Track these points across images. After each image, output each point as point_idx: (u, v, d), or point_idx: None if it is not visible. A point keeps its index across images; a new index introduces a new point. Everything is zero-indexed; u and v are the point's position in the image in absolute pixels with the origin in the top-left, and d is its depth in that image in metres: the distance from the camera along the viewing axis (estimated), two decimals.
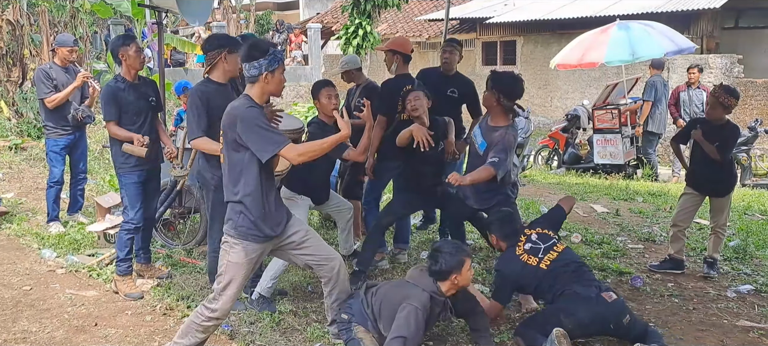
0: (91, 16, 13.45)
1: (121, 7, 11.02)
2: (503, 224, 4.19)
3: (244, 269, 3.36)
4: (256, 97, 3.30)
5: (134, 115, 4.59)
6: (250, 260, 3.37)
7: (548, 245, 4.01)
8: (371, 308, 3.64)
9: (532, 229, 4.13)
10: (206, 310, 3.37)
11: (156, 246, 5.60)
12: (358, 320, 3.65)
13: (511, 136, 4.37)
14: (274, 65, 3.26)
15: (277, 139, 3.20)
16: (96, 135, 10.37)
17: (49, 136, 6.12)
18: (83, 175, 6.49)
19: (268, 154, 3.19)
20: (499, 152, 4.26)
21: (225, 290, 3.35)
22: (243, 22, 23.15)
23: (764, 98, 12.93)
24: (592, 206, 7.50)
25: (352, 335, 3.60)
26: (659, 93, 9.69)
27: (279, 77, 3.30)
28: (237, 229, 3.32)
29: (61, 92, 5.95)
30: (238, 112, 3.22)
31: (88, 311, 4.36)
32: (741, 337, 3.96)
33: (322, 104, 4.53)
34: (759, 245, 5.90)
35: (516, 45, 17.43)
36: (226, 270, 3.35)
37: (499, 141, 4.31)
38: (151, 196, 4.83)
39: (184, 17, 5.87)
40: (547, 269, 3.88)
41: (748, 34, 15.58)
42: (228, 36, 4.53)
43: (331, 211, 5.10)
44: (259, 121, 3.19)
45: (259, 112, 3.24)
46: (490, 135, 4.41)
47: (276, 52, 3.29)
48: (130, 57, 4.56)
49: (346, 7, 14.97)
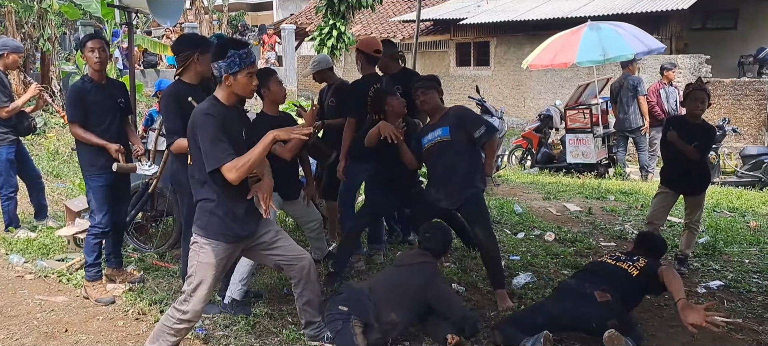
0: (60, 17, 13.20)
1: (90, 7, 10.84)
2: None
3: (215, 269, 3.31)
4: (223, 99, 3.24)
5: (101, 116, 4.48)
6: (221, 260, 3.32)
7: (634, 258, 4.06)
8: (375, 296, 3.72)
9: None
10: (177, 312, 3.32)
11: (128, 250, 5.52)
12: (357, 312, 3.68)
13: (459, 107, 4.54)
14: (234, 68, 3.16)
15: (219, 155, 3.10)
16: (65, 137, 10.18)
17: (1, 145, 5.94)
18: (39, 179, 6.40)
19: (210, 168, 3.13)
20: (474, 122, 4.42)
21: (195, 291, 3.30)
22: (216, 23, 22.93)
23: (731, 98, 13.21)
24: (565, 204, 7.58)
25: (348, 327, 3.61)
26: (614, 94, 9.90)
27: (243, 80, 3.19)
28: (206, 229, 3.28)
29: (17, 101, 5.87)
30: (195, 116, 3.17)
31: (58, 317, 4.27)
32: (711, 332, 4.02)
33: (272, 92, 4.36)
34: (728, 242, 6.01)
35: (489, 46, 17.56)
36: (197, 271, 3.30)
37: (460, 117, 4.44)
38: (120, 199, 4.75)
39: (154, 18, 5.80)
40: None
41: (716, 35, 15.92)
42: (198, 36, 4.47)
43: (298, 218, 5.04)
44: (209, 131, 3.11)
45: (213, 121, 3.13)
46: (442, 121, 4.43)
47: (238, 54, 3.16)
48: (86, 56, 4.46)
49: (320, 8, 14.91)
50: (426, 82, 4.59)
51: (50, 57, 11.61)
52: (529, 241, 6.02)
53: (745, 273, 5.17)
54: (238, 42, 3.31)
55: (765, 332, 4.01)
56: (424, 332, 3.93)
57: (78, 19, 12.41)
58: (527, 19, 15.75)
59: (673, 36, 15.08)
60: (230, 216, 3.28)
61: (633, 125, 9.77)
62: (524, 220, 6.78)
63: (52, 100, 6.01)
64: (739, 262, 5.46)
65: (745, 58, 14.58)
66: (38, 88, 5.86)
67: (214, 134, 3.12)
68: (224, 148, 3.12)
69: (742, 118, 12.94)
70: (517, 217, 6.86)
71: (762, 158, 9.68)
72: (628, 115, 9.74)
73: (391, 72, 5.32)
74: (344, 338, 3.64)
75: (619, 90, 9.80)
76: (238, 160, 3.12)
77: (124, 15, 6.06)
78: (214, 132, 3.12)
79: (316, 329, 3.80)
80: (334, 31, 14.54)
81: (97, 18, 13.48)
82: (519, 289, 4.67)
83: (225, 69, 3.17)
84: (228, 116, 3.23)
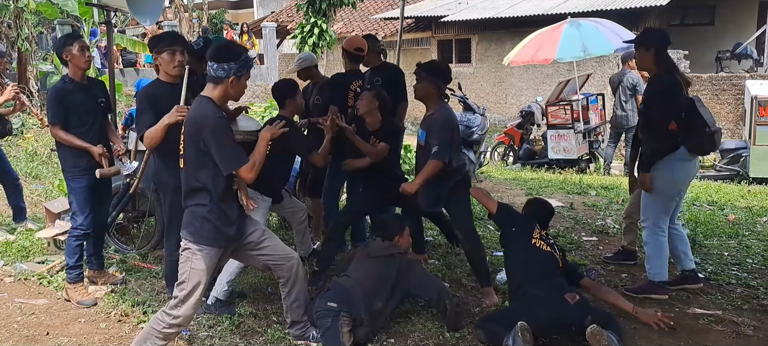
0: (37, 16, 13.02)
1: (67, 6, 10.71)
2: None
3: (207, 274, 3.33)
4: (218, 99, 3.26)
5: (83, 116, 4.43)
6: (213, 264, 3.35)
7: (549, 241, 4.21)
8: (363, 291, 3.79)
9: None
10: (167, 316, 3.30)
11: (109, 251, 5.47)
12: (347, 308, 3.71)
13: (442, 114, 4.26)
14: (243, 71, 3.25)
15: (240, 156, 3.21)
16: (43, 138, 10.05)
17: None
18: (17, 181, 6.32)
19: (229, 170, 3.20)
20: (436, 137, 4.17)
21: (189, 296, 3.29)
22: (196, 21, 22.74)
23: (709, 92, 13.39)
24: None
25: (337, 325, 3.63)
26: (613, 89, 9.88)
27: (244, 84, 3.29)
28: (199, 235, 3.27)
29: None
30: (207, 121, 3.16)
31: (38, 320, 4.23)
32: (692, 324, 4.08)
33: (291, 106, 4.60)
34: (707, 235, 6.09)
35: (471, 43, 17.62)
36: (190, 277, 3.29)
37: (432, 126, 4.25)
38: (101, 201, 4.70)
39: (133, 16, 5.75)
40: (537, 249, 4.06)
41: (694, 30, 16.12)
42: (174, 34, 4.42)
43: (286, 213, 5.06)
44: (226, 134, 3.20)
45: (227, 123, 3.25)
46: (425, 122, 4.39)
47: (248, 59, 3.27)
48: (75, 56, 4.40)
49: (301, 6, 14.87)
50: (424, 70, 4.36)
51: (28, 57, 11.44)
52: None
53: (725, 266, 5.24)
54: (228, 45, 3.36)
55: (744, 323, 4.07)
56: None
57: (55, 18, 12.24)
58: (508, 16, 15.82)
59: None
60: (223, 219, 3.29)
61: (631, 123, 9.46)
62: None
63: (30, 101, 5.91)
64: (718, 255, 5.53)
65: (722, 53, 14.79)
66: (15, 90, 5.78)
67: (229, 136, 3.21)
68: (240, 150, 3.23)
69: (719, 112, 13.12)
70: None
71: (740, 152, 9.82)
72: (625, 113, 9.61)
73: (372, 65, 5.46)
74: (332, 336, 3.64)
75: (618, 85, 9.73)
76: (252, 160, 3.24)
77: (103, 13, 5.99)
78: (229, 134, 3.22)
79: (301, 329, 3.80)
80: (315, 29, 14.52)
81: (74, 17, 13.32)
82: (503, 285, 4.69)
83: (235, 71, 3.21)
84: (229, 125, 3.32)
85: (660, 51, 4.29)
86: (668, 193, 4.36)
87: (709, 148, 4.39)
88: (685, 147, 4.26)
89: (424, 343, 3.82)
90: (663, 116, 4.22)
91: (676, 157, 4.26)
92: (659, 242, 4.41)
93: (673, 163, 4.27)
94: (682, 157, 4.28)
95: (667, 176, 4.29)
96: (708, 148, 4.39)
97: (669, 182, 4.32)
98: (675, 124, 4.19)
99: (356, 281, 3.88)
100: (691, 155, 4.32)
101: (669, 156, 4.24)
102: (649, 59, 4.30)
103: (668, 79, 4.22)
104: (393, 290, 3.91)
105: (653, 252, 4.44)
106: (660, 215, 4.40)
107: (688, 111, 4.25)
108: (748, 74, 13.40)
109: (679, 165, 4.29)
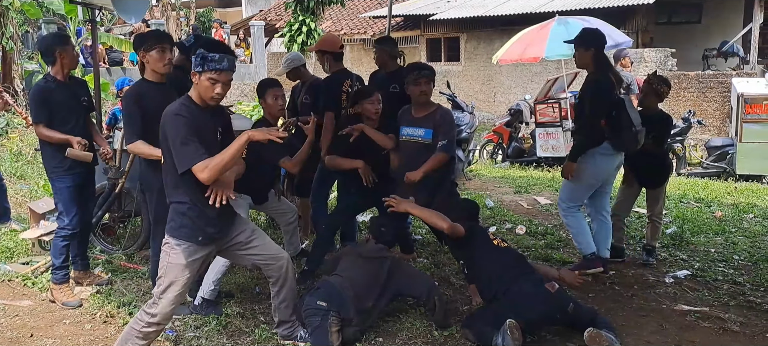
0: (22, 15, 12.87)
1: (52, 5, 10.61)
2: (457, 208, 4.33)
3: (186, 271, 3.25)
4: (196, 98, 3.20)
5: (66, 115, 4.36)
6: (193, 262, 3.27)
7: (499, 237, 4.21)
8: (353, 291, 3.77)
9: None
10: (146, 315, 3.26)
11: (95, 252, 5.41)
12: (337, 307, 3.69)
13: (447, 112, 4.48)
14: (197, 67, 3.11)
15: (191, 156, 3.05)
16: (28, 138, 9.94)
17: None
18: (1, 182, 6.26)
19: (182, 168, 3.08)
20: (445, 134, 4.36)
21: (165, 293, 3.24)
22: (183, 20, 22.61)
23: (696, 90, 13.48)
24: (536, 198, 7.65)
25: (325, 324, 3.61)
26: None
27: (205, 83, 3.12)
28: (178, 231, 3.23)
29: None
30: (166, 117, 3.12)
31: (23, 322, 4.17)
32: (679, 321, 4.10)
33: (268, 105, 4.41)
34: (694, 232, 6.13)
35: (459, 41, 17.64)
36: (167, 273, 3.24)
37: (440, 124, 4.39)
38: (86, 200, 4.64)
39: (119, 14, 5.70)
40: (498, 247, 4.03)
41: (681, 28, 16.22)
42: (160, 32, 4.37)
43: (274, 214, 5.02)
44: (179, 132, 3.06)
45: (183, 121, 3.08)
46: (428, 121, 4.42)
47: (202, 55, 3.09)
48: (69, 56, 4.35)
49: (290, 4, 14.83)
50: (431, 72, 4.49)
51: (12, 56, 11.32)
52: (500, 234, 6.04)
53: (711, 262, 5.27)
54: (214, 44, 3.27)
55: (731, 319, 4.09)
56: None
57: (40, 17, 12.12)
58: (496, 14, 15.85)
59: (639, 30, 15.33)
60: (203, 218, 3.23)
61: None
62: (496, 214, 6.83)
63: (14, 100, 5.83)
64: (705, 251, 5.57)
65: (709, 51, 14.88)
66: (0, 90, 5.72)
67: (185, 135, 3.07)
68: (195, 148, 3.07)
69: (706, 110, 13.21)
70: (488, 211, 6.90)
71: (726, 149, 9.90)
72: None
73: (388, 69, 5.29)
74: (320, 335, 3.62)
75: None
76: (210, 161, 3.07)
77: (88, 12, 5.93)
78: (185, 133, 3.07)
79: (289, 329, 3.77)
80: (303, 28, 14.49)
81: (60, 15, 13.20)
82: None
83: (192, 66, 3.14)
84: (200, 116, 3.18)
85: (598, 51, 4.58)
86: (589, 182, 4.69)
87: (632, 146, 4.65)
88: (610, 143, 4.57)
89: (413, 341, 3.81)
90: (595, 113, 4.52)
91: (600, 152, 4.57)
92: (577, 219, 4.75)
93: (596, 157, 4.58)
94: (606, 152, 4.59)
95: (590, 167, 4.61)
96: (630, 146, 4.64)
97: (591, 173, 4.65)
98: (605, 121, 4.50)
99: (346, 281, 3.85)
100: (614, 151, 4.62)
101: (594, 150, 4.55)
102: (588, 58, 4.59)
103: (603, 79, 4.52)
104: (383, 289, 3.91)
105: (575, 229, 4.77)
106: (575, 199, 4.77)
107: (618, 110, 4.53)
108: (735, 72, 13.50)
109: (602, 159, 4.61)
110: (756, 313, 4.23)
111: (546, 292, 3.75)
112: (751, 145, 9.50)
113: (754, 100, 9.49)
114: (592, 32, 4.79)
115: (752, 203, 7.40)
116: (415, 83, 4.44)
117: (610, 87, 4.52)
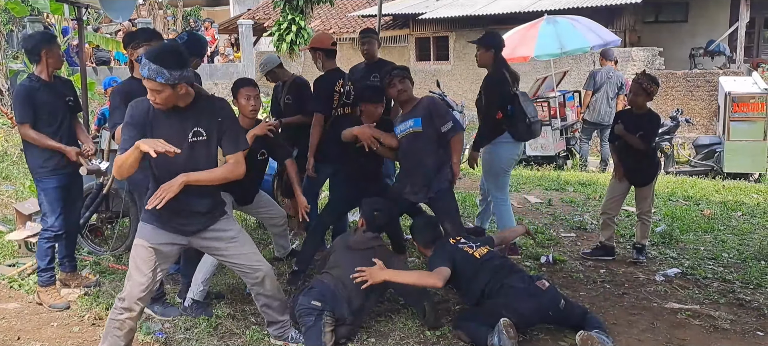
0: (6, 14, 12.73)
1: (38, 4, 10.46)
2: (425, 229, 4.25)
3: (150, 253, 3.22)
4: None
5: (51, 115, 4.31)
6: (157, 245, 3.23)
7: (477, 243, 4.10)
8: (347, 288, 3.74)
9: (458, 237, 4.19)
10: (118, 302, 3.28)
11: (83, 253, 5.36)
12: (331, 306, 3.67)
13: (430, 99, 4.57)
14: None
15: (125, 144, 3.06)
16: (13, 138, 9.83)
17: None
18: None
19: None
20: (443, 117, 4.40)
21: (131, 275, 3.25)
22: (170, 19, 22.47)
23: (684, 89, 13.55)
24: (526, 196, 7.67)
25: (319, 324, 3.58)
26: (598, 83, 9.84)
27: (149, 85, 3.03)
28: (144, 212, 3.23)
29: None
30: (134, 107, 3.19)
31: (9, 325, 4.12)
32: (670, 318, 4.11)
33: (241, 105, 4.34)
34: (684, 230, 6.16)
35: (449, 40, 17.63)
36: (133, 254, 3.27)
37: (429, 110, 4.41)
38: (72, 201, 4.58)
39: (106, 13, 5.65)
40: (480, 259, 3.92)
41: (668, 27, 16.30)
42: (151, 30, 4.35)
43: (261, 217, 4.97)
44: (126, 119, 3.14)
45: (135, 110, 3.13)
46: (415, 112, 4.41)
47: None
48: (54, 56, 4.30)
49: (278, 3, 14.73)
50: (403, 71, 4.54)
51: None
52: (491, 233, 6.04)
53: (701, 260, 5.30)
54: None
55: (721, 317, 4.11)
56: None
57: (25, 15, 11.96)
58: (486, 13, 15.85)
59: (627, 29, 15.38)
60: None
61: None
62: None
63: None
64: (694, 249, 5.59)
65: (695, 50, 14.97)
66: None
67: (130, 122, 3.11)
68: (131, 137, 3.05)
69: (694, 108, 13.29)
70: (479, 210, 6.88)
71: (714, 148, 9.95)
72: (611, 109, 9.62)
73: (373, 60, 5.42)
74: (313, 336, 3.59)
75: (606, 82, 9.73)
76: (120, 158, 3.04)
77: (74, 11, 5.86)
78: (130, 120, 3.11)
79: (280, 329, 3.74)
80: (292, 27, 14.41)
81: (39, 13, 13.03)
82: None
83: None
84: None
85: (498, 52, 5.07)
86: (503, 168, 5.18)
87: (528, 136, 5.14)
88: (510, 133, 5.04)
89: (405, 342, 3.79)
90: (492, 107, 5.01)
91: (501, 140, 5.07)
92: (505, 209, 5.23)
93: (498, 146, 5.10)
94: (506, 141, 5.08)
95: (494, 156, 5.15)
96: (526, 136, 5.12)
97: (503, 159, 5.15)
98: (501, 113, 4.96)
99: (339, 279, 3.82)
100: (514, 140, 5.10)
101: (496, 139, 5.06)
102: (489, 58, 5.05)
103: (500, 77, 4.99)
104: (376, 285, 3.84)
105: (502, 218, 5.21)
106: (500, 188, 5.23)
107: (513, 103, 4.97)
108: (722, 71, 13.58)
109: (505, 146, 5.10)
110: (746, 310, 4.25)
111: (537, 288, 3.75)
112: (738, 143, 9.55)
113: (741, 98, 9.54)
114: (493, 36, 5.25)
115: (740, 201, 7.45)
116: (390, 86, 4.48)
117: (506, 84, 4.98)
